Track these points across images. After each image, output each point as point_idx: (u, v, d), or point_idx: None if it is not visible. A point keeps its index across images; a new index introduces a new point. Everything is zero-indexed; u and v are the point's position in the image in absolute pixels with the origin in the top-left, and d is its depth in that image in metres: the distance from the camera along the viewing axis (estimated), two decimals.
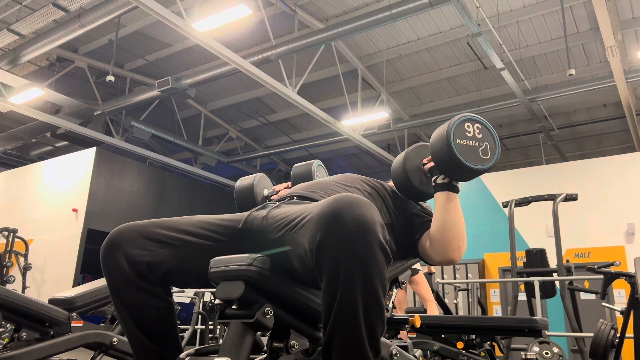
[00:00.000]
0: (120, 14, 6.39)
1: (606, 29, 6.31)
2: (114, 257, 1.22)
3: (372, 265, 0.96)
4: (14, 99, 7.96)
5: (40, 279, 8.33)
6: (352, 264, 0.96)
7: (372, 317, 0.98)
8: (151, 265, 1.22)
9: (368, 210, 0.99)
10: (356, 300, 0.96)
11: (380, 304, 0.98)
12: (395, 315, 1.74)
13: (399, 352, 1.34)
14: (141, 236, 1.24)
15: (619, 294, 6.87)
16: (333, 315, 0.98)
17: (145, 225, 1.26)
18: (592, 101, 9.19)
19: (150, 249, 1.23)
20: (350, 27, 6.71)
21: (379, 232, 0.98)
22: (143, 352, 1.26)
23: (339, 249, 0.96)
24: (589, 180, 7.74)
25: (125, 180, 9.30)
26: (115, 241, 1.23)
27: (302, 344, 1.13)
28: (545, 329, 2.29)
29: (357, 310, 0.96)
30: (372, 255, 0.96)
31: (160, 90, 8.02)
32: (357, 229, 0.96)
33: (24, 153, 11.78)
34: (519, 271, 4.87)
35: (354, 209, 0.98)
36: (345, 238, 0.96)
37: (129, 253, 1.22)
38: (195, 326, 5.20)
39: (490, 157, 1.38)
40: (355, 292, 0.96)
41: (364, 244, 0.96)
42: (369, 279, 0.96)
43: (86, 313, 2.15)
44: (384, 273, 0.98)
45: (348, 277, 0.96)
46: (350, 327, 0.97)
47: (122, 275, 1.22)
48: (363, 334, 0.97)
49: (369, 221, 0.97)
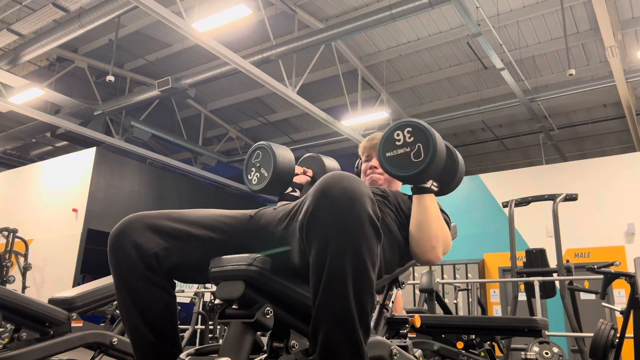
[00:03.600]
0: (120, 14, 6.38)
1: (606, 29, 6.31)
2: (123, 247, 1.20)
3: (361, 237, 0.96)
4: (14, 99, 7.96)
5: (40, 279, 8.32)
6: (341, 236, 0.96)
7: (361, 291, 0.97)
8: (159, 257, 1.21)
9: (357, 184, 1.00)
10: (345, 273, 0.95)
11: (370, 277, 0.98)
12: (395, 315, 1.74)
13: (399, 352, 1.34)
14: (150, 227, 1.22)
15: (619, 294, 6.88)
16: (322, 288, 0.98)
17: (154, 217, 1.25)
18: (592, 101, 9.19)
19: (159, 241, 1.22)
20: (350, 27, 6.71)
21: (368, 205, 0.98)
22: (145, 347, 1.23)
23: (328, 222, 0.97)
24: (589, 180, 7.74)
25: (125, 180, 9.30)
26: (124, 231, 1.22)
27: (302, 344, 1.13)
28: (545, 329, 2.29)
29: (346, 283, 0.96)
30: (361, 227, 0.96)
31: (160, 90, 8.02)
32: (346, 202, 0.97)
33: (23, 153, 11.78)
34: (519, 271, 4.88)
35: (343, 183, 0.99)
36: (334, 211, 0.97)
37: (139, 244, 1.20)
38: (195, 326, 5.20)
39: (424, 157, 1.34)
40: (345, 264, 0.96)
41: (353, 216, 0.96)
42: (358, 252, 0.96)
43: (86, 313, 2.15)
44: (372, 246, 0.98)
45: (337, 249, 0.96)
46: (339, 301, 0.96)
47: (130, 265, 1.20)
48: (352, 307, 0.96)
49: (357, 194, 0.98)
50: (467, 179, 9.65)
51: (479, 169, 11.78)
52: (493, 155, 11.72)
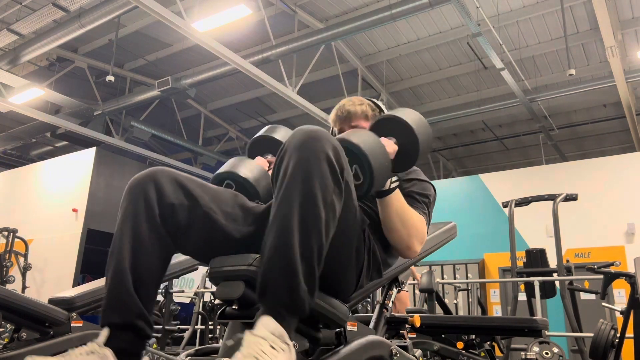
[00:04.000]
0: (120, 14, 6.38)
1: (606, 29, 6.30)
2: (145, 187, 1.19)
3: (314, 170, 1.03)
4: (14, 99, 7.96)
5: (40, 279, 8.32)
6: (295, 165, 1.04)
7: (306, 220, 1.01)
8: (174, 210, 1.20)
9: (323, 132, 1.08)
10: (293, 199, 1.02)
11: (317, 209, 1.02)
12: (395, 315, 1.74)
13: (399, 352, 1.34)
14: (178, 182, 1.23)
15: (619, 294, 6.87)
16: (272, 215, 1.04)
17: (184, 176, 1.26)
18: (592, 101, 9.19)
19: (181, 196, 1.21)
20: (350, 27, 6.70)
21: (328, 147, 1.05)
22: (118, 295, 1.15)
23: (289, 156, 1.05)
24: (589, 180, 7.74)
25: (125, 180, 9.21)
26: (151, 174, 1.22)
27: (302, 344, 1.13)
28: (545, 329, 2.29)
29: (292, 209, 1.01)
30: (316, 162, 1.03)
31: (160, 90, 8.01)
32: (307, 140, 1.06)
33: (24, 153, 11.78)
34: (519, 271, 4.87)
35: (310, 128, 1.09)
36: (295, 147, 1.06)
37: (161, 189, 1.20)
38: (195, 326, 5.20)
39: (363, 180, 1.24)
40: (294, 190, 1.02)
41: (310, 151, 1.04)
42: (310, 183, 1.02)
43: (86, 313, 2.15)
44: (326, 183, 1.03)
45: (291, 176, 1.03)
46: (283, 225, 1.01)
47: (146, 206, 1.18)
48: (294, 234, 1.00)
49: (319, 136, 1.06)
50: (467, 179, 9.65)
51: (479, 169, 11.79)
52: (493, 155, 11.72)
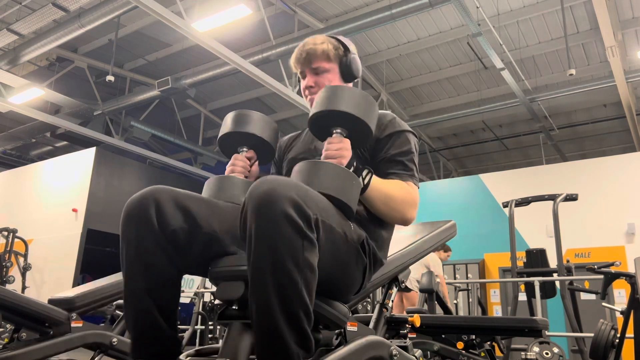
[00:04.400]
0: (120, 14, 6.38)
1: (606, 29, 6.30)
2: (146, 210, 1.13)
3: (277, 238, 0.97)
4: (13, 99, 7.96)
5: (40, 279, 8.32)
6: (259, 237, 0.98)
7: (284, 291, 0.97)
8: (177, 235, 1.14)
9: (277, 187, 1.00)
10: (265, 274, 0.97)
11: (291, 276, 0.97)
12: (395, 315, 1.74)
13: (399, 352, 1.34)
14: (177, 203, 1.16)
15: (619, 294, 6.87)
16: (250, 288, 1.01)
17: (182, 194, 1.19)
18: (592, 101, 9.19)
19: (182, 220, 1.15)
20: (350, 27, 6.70)
21: (286, 206, 0.98)
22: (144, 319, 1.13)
23: (251, 224, 0.99)
24: (589, 180, 7.74)
25: (125, 180, 9.29)
26: (150, 196, 1.15)
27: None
28: (546, 329, 2.29)
29: (265, 283, 0.97)
30: (276, 228, 0.97)
31: (160, 90, 8.01)
32: (263, 205, 0.98)
33: (23, 153, 11.78)
34: (519, 271, 4.87)
35: (262, 187, 1.00)
36: (254, 214, 0.99)
37: (163, 213, 1.13)
38: (195, 326, 5.20)
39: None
40: (264, 265, 0.98)
41: (269, 218, 0.97)
42: (275, 249, 0.97)
43: (86, 313, 2.14)
44: (293, 246, 0.97)
45: (257, 251, 0.98)
46: (262, 303, 0.98)
47: (149, 228, 1.13)
48: (276, 310, 0.96)
49: (274, 197, 0.98)
50: (467, 179, 9.66)
51: (479, 169, 11.79)
52: (493, 155, 11.72)
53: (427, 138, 10.99)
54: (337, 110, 1.25)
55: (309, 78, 1.51)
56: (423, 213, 7.68)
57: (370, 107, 1.28)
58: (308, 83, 1.50)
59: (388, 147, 1.41)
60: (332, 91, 1.28)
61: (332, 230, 1.12)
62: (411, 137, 1.45)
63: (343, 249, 1.17)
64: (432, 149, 11.32)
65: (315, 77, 1.50)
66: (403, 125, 1.46)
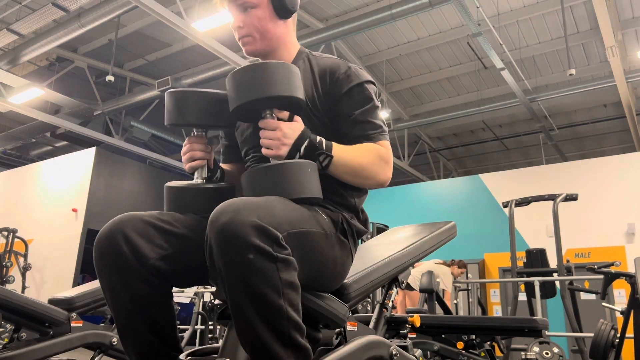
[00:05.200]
0: (120, 14, 6.38)
1: (606, 29, 6.30)
2: (119, 249, 1.08)
3: (248, 271, 0.93)
4: (13, 99, 7.96)
5: (40, 279, 8.32)
6: (230, 273, 0.94)
7: (268, 317, 0.94)
8: (158, 266, 1.12)
9: (237, 216, 0.94)
10: (244, 306, 0.94)
11: (272, 303, 0.93)
12: (395, 315, 1.74)
13: (399, 352, 1.34)
14: (145, 233, 1.12)
15: (619, 294, 6.87)
16: (235, 326, 0.98)
17: (148, 220, 1.15)
18: (592, 101, 9.19)
19: (157, 248, 1.12)
20: (350, 27, 6.71)
21: (250, 235, 0.93)
22: (149, 352, 1.14)
23: (219, 259, 0.95)
24: (589, 180, 7.74)
25: (125, 180, 9.30)
26: (118, 232, 1.10)
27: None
28: (546, 329, 2.29)
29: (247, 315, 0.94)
30: (246, 261, 0.92)
31: (160, 90, 8.00)
32: (227, 240, 0.94)
33: (23, 153, 11.78)
34: (519, 271, 4.88)
35: (221, 219, 0.95)
36: (218, 248, 0.95)
37: (136, 249, 1.09)
38: (195, 326, 5.20)
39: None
40: (242, 301, 0.94)
41: (236, 251, 0.93)
42: (249, 283, 0.93)
43: (86, 313, 2.15)
44: (266, 273, 0.93)
45: (229, 284, 0.95)
46: (249, 334, 0.95)
47: (129, 268, 1.09)
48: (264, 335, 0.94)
49: (236, 229, 0.93)
50: (467, 179, 9.66)
51: (479, 169, 11.79)
52: (493, 155, 11.72)
53: (427, 138, 10.99)
54: (254, 99, 1.15)
55: (236, 17, 1.33)
56: (423, 213, 7.77)
57: (290, 77, 1.15)
58: (236, 24, 1.33)
59: (349, 106, 1.27)
60: (242, 76, 1.19)
61: (309, 234, 1.08)
62: (370, 87, 1.31)
63: (326, 245, 1.14)
64: (432, 149, 11.32)
65: (242, 16, 1.31)
66: (359, 76, 1.30)
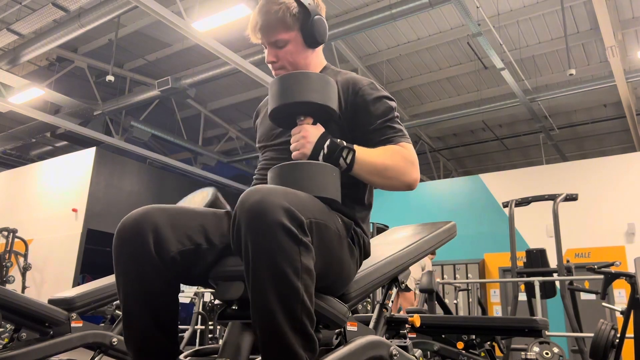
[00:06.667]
0: (120, 14, 6.38)
1: (606, 29, 6.30)
2: (143, 238, 1.11)
3: (274, 248, 0.97)
4: (13, 99, 7.96)
5: (40, 279, 8.32)
6: (256, 250, 0.97)
7: (285, 299, 0.97)
8: (176, 259, 1.14)
9: (267, 196, 0.99)
10: (264, 284, 0.97)
11: (291, 284, 0.97)
12: (395, 315, 1.74)
13: (399, 352, 1.34)
14: (172, 225, 1.15)
15: (619, 294, 6.88)
16: (251, 303, 1.00)
17: (175, 214, 1.18)
18: (592, 101, 9.19)
19: (179, 242, 1.14)
20: (350, 27, 6.71)
21: (279, 215, 0.97)
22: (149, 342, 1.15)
23: (245, 238, 0.99)
24: (589, 180, 7.74)
25: (125, 180, 9.30)
26: (144, 221, 1.13)
27: None
28: (546, 329, 2.29)
29: (266, 293, 0.96)
30: (273, 238, 0.96)
31: (160, 90, 8.01)
32: (256, 216, 0.98)
33: (23, 153, 11.78)
34: (519, 271, 4.87)
35: (254, 197, 1.00)
36: (247, 226, 0.99)
37: (160, 240, 1.12)
38: (195, 326, 5.20)
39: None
40: (262, 275, 0.97)
41: (264, 229, 0.97)
42: (274, 262, 0.97)
43: (86, 313, 2.15)
44: (290, 254, 0.97)
45: (255, 263, 0.98)
46: (264, 312, 0.97)
47: (148, 258, 1.11)
48: (279, 316, 0.96)
49: (267, 207, 0.98)
50: (467, 179, 9.66)
51: (479, 169, 11.79)
52: (493, 155, 11.72)
53: (427, 138, 10.99)
54: (291, 102, 1.22)
55: (269, 52, 1.43)
56: (423, 213, 7.78)
57: (325, 87, 1.23)
58: (269, 58, 1.43)
59: (372, 116, 1.33)
60: (284, 82, 1.25)
61: (327, 228, 1.12)
62: (390, 102, 1.38)
63: (339, 245, 1.18)
64: (432, 149, 11.32)
65: (275, 51, 1.41)
66: (381, 90, 1.38)
